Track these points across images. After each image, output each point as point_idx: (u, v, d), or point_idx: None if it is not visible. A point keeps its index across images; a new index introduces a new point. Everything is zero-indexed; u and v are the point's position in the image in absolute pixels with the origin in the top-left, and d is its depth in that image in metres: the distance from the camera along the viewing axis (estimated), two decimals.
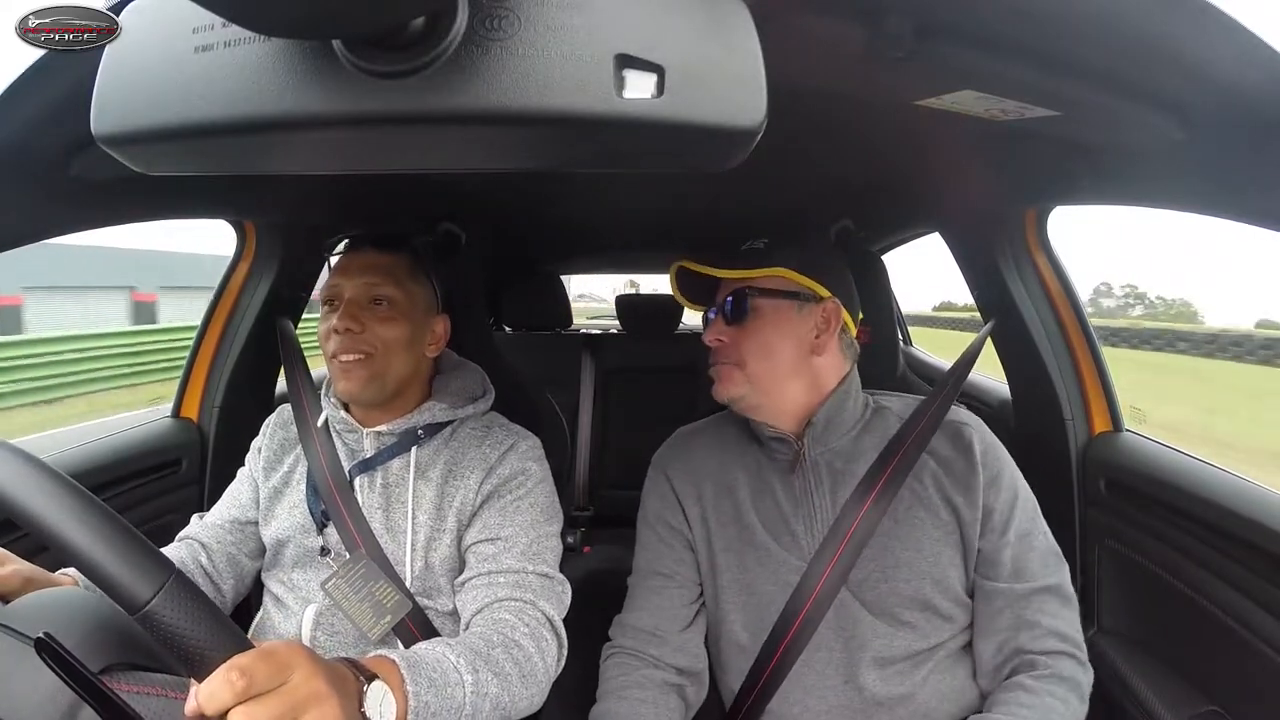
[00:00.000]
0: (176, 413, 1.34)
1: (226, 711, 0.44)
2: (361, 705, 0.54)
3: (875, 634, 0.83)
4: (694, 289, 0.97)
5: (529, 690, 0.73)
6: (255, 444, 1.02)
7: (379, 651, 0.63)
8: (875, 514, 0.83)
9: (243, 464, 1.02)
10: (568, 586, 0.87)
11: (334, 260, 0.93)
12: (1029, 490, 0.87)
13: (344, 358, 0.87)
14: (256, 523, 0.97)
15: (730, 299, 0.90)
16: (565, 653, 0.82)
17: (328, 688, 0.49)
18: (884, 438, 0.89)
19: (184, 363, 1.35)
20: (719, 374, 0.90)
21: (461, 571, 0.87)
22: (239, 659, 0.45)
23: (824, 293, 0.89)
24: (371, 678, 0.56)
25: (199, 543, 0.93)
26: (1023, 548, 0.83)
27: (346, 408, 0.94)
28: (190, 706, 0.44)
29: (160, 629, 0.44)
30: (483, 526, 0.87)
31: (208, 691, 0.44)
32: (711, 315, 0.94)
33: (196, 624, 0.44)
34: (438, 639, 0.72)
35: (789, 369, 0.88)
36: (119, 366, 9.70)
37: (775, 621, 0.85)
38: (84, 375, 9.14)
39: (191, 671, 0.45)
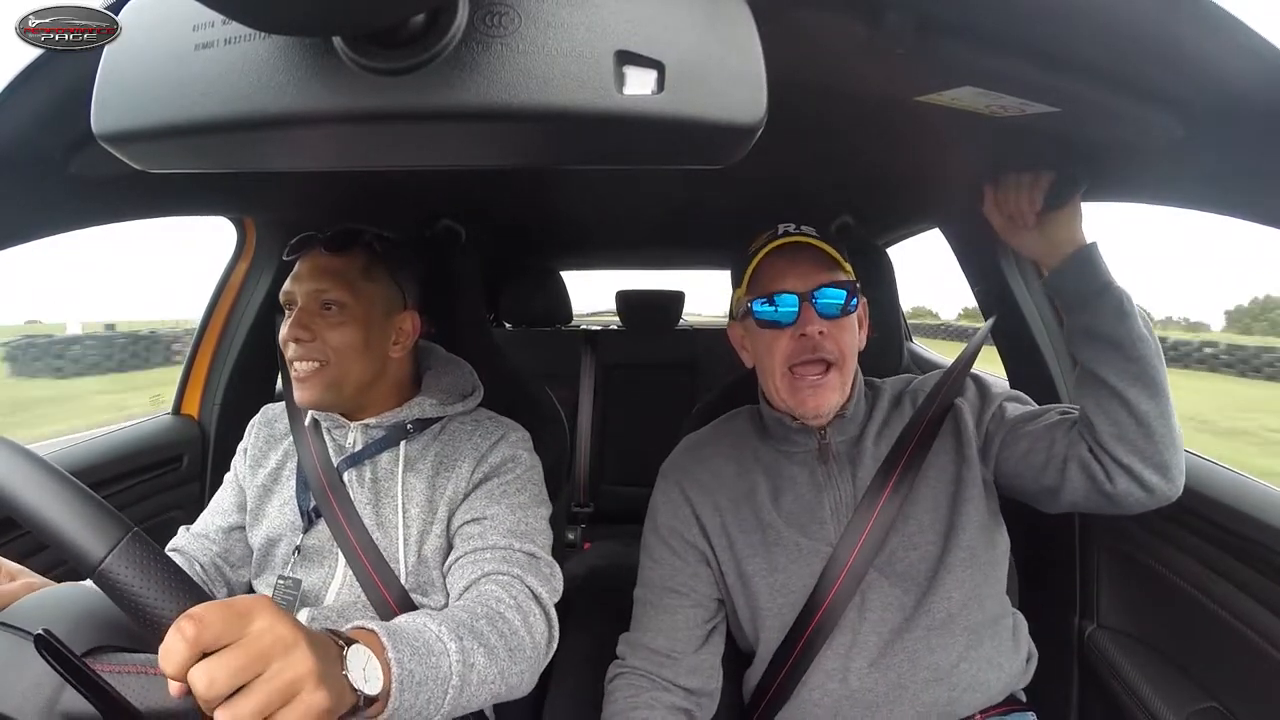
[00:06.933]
0: (177, 410, 1.34)
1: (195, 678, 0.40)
2: (344, 670, 0.50)
3: (901, 608, 0.84)
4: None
5: (518, 666, 0.70)
6: (241, 446, 1.00)
7: (357, 623, 0.59)
8: (897, 499, 0.85)
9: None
10: (558, 571, 0.84)
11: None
12: (1021, 395, 0.95)
13: (298, 366, 0.86)
14: (244, 528, 0.96)
15: (838, 289, 0.85)
16: (556, 636, 0.79)
17: (294, 633, 0.45)
18: (885, 413, 0.93)
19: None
20: (821, 382, 0.84)
21: None
22: (194, 609, 0.41)
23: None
24: (351, 642, 0.52)
25: (187, 555, 0.92)
26: (1029, 413, 0.89)
27: None
28: (176, 687, 0.41)
29: (117, 589, 0.42)
30: (469, 508, 0.86)
31: (164, 650, 0.40)
32: (789, 309, 0.84)
33: (154, 583, 0.42)
34: (420, 611, 0.70)
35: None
36: None
37: (803, 605, 0.84)
38: None
39: (154, 637, 0.42)
